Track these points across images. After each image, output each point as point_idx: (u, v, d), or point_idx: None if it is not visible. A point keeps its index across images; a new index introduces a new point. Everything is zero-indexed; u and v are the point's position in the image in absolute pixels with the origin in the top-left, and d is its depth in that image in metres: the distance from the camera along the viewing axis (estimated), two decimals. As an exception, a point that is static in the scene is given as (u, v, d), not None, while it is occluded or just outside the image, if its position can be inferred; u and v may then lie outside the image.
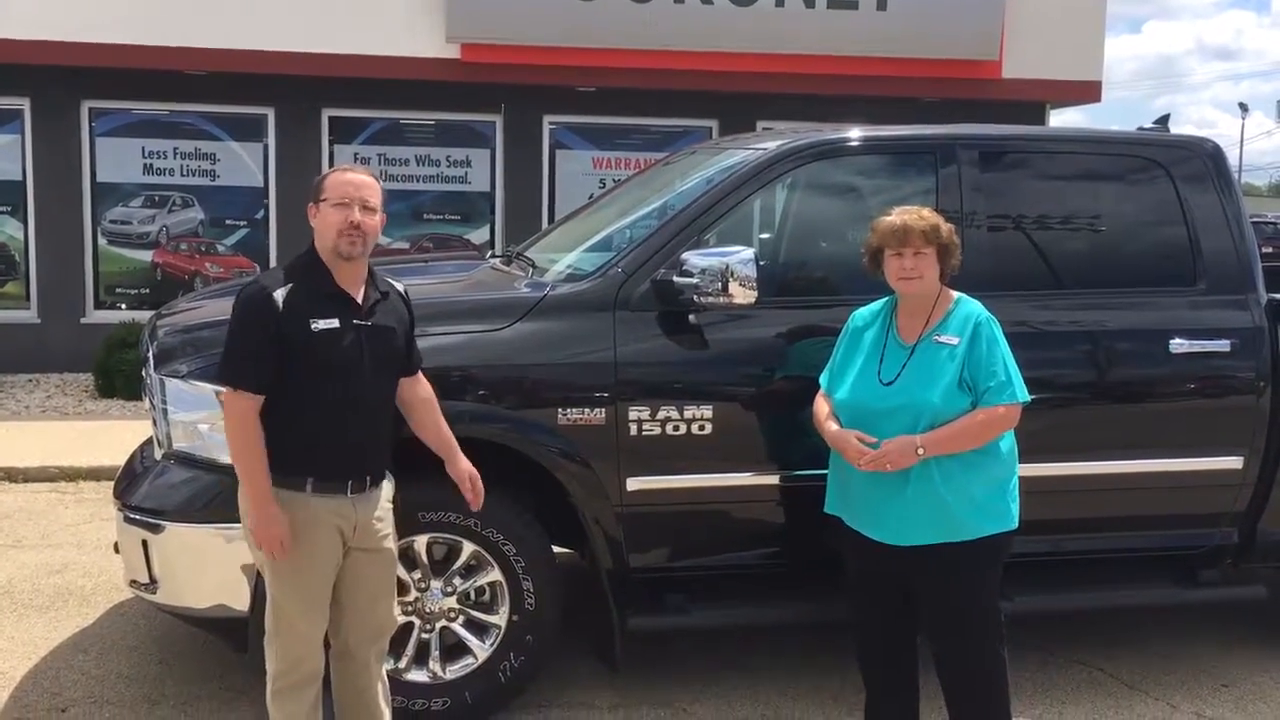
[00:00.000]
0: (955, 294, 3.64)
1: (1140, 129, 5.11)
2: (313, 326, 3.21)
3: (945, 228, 3.58)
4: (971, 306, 3.59)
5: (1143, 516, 4.59)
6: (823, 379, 3.80)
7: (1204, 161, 4.66)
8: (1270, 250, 24.11)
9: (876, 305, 3.76)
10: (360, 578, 3.42)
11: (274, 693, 3.41)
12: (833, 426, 3.65)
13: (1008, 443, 3.58)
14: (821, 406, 3.73)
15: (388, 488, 3.50)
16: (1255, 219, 26.92)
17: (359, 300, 3.33)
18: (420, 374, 3.61)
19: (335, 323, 3.25)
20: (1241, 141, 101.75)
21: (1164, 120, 5.13)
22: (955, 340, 3.51)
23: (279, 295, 3.21)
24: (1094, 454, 4.42)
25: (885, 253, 3.60)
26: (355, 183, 3.34)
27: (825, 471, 4.11)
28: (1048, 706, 4.46)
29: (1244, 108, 76.33)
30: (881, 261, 3.63)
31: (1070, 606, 4.72)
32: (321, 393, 3.24)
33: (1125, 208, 4.69)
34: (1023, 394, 3.50)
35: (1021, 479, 4.38)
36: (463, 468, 3.58)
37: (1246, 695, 4.60)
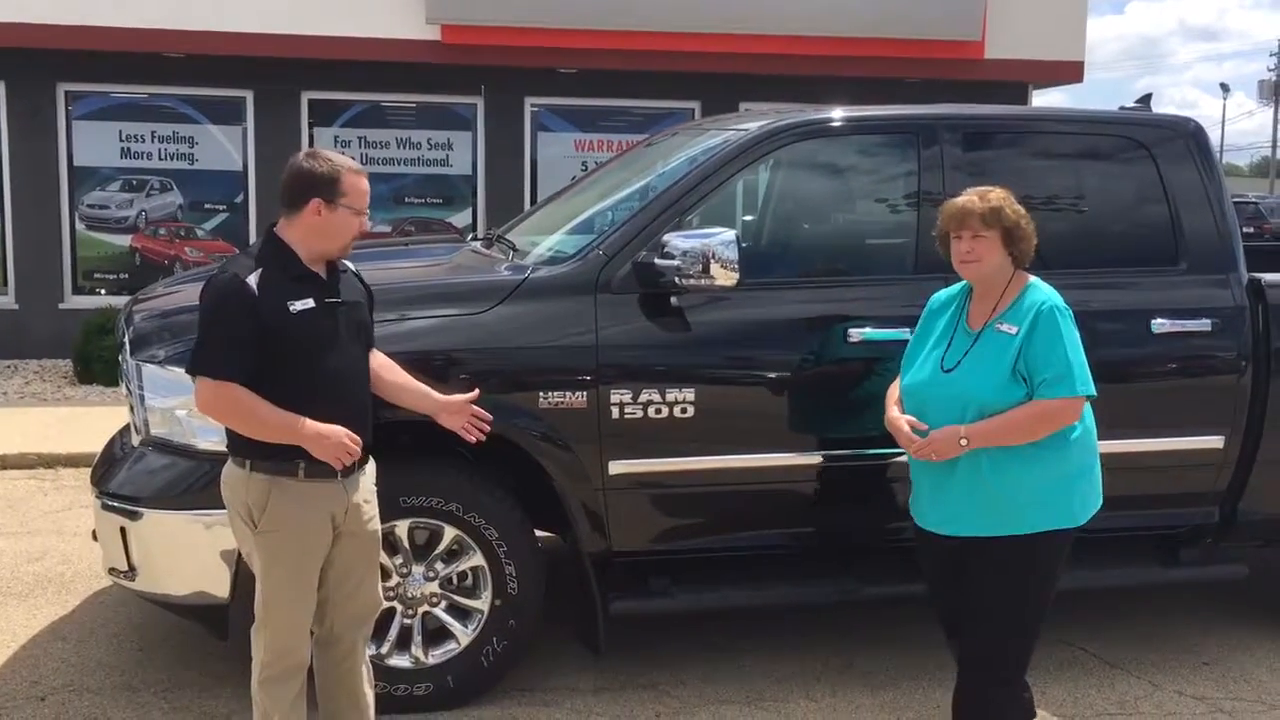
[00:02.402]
0: (1030, 279, 3.47)
1: (1122, 109, 5.11)
2: (290, 308, 3.17)
3: (1011, 210, 3.40)
4: (1038, 294, 3.41)
5: (1125, 496, 4.59)
6: (902, 361, 3.68)
7: (1186, 141, 4.65)
8: (1252, 230, 24.25)
9: (955, 289, 3.63)
10: (349, 561, 3.40)
11: (261, 681, 3.38)
12: (892, 411, 3.54)
13: (1076, 435, 3.39)
14: (893, 390, 3.64)
15: (371, 469, 3.48)
16: (1237, 199, 27.01)
17: (324, 278, 3.31)
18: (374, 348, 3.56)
19: (310, 302, 3.21)
20: (1223, 121, 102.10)
21: (1146, 100, 5.12)
22: (1014, 329, 3.35)
23: (252, 281, 3.15)
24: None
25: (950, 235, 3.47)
26: (368, 190, 3.32)
27: (805, 454, 4.12)
28: (1030, 685, 4.46)
29: (1225, 88, 76.95)
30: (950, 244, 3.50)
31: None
32: (305, 373, 3.21)
33: (1107, 187, 4.69)
34: (1084, 387, 3.29)
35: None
36: (450, 401, 3.53)
37: (1228, 674, 4.62)
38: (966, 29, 11.27)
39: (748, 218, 5.65)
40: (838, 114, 4.59)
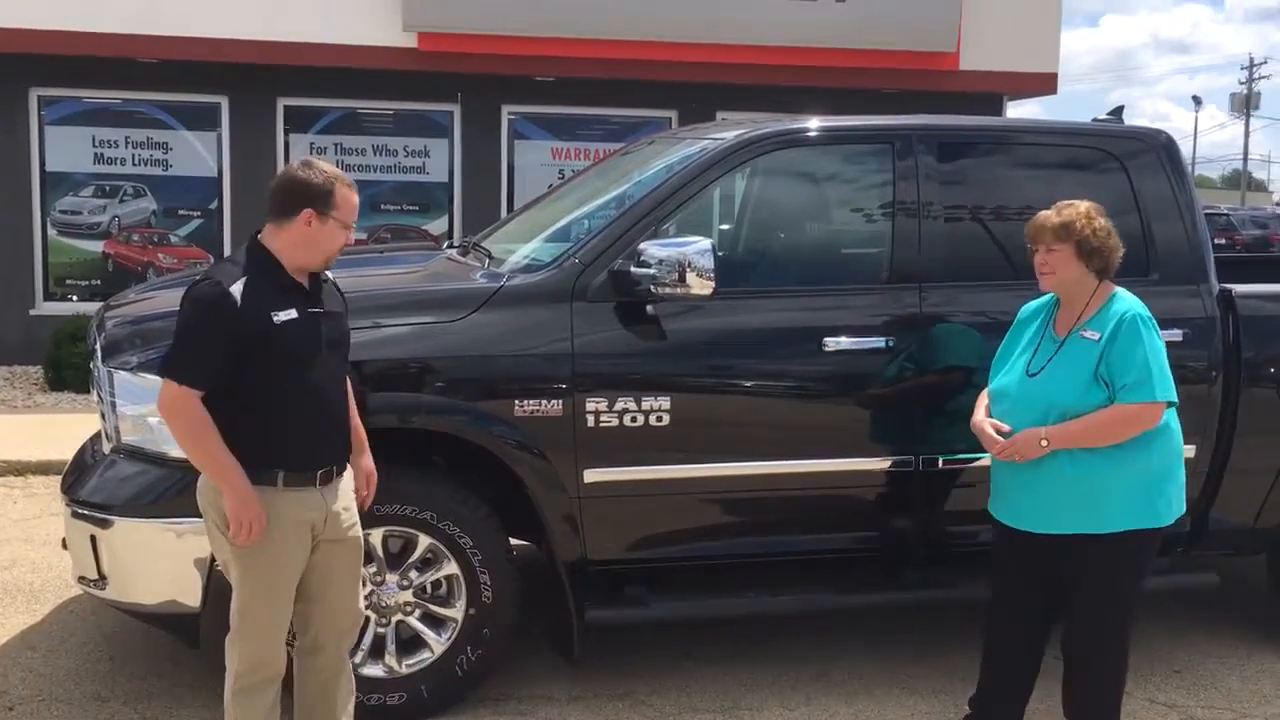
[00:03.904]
0: (1115, 290, 3.64)
1: (1095, 120, 5.15)
2: (274, 319, 3.15)
3: (1084, 225, 3.56)
4: (1123, 304, 3.59)
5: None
6: (992, 366, 3.86)
7: (1157, 153, 4.69)
8: (1223, 241, 24.50)
9: (1046, 298, 3.79)
10: (331, 569, 3.38)
11: (235, 692, 3.35)
12: (978, 414, 3.72)
13: (1163, 437, 3.56)
14: (982, 396, 3.80)
15: (350, 477, 3.46)
16: (1208, 210, 27.28)
17: (308, 289, 3.30)
18: None
19: (294, 313, 3.19)
20: (1195, 134, 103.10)
21: (1118, 112, 5.17)
22: (1096, 336, 3.53)
23: (236, 290, 3.13)
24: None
25: None
26: (357, 205, 3.33)
27: (780, 462, 4.15)
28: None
29: (1198, 101, 77.61)
30: None
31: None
32: (287, 383, 3.20)
33: (1080, 198, 4.71)
34: (1163, 393, 3.47)
35: (978, 467, 4.44)
36: (366, 464, 3.54)
37: (1198, 681, 4.65)
38: (941, 41, 11.35)
39: (724, 227, 5.66)
40: (813, 124, 4.61)
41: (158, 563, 3.91)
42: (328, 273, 3.44)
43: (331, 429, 3.31)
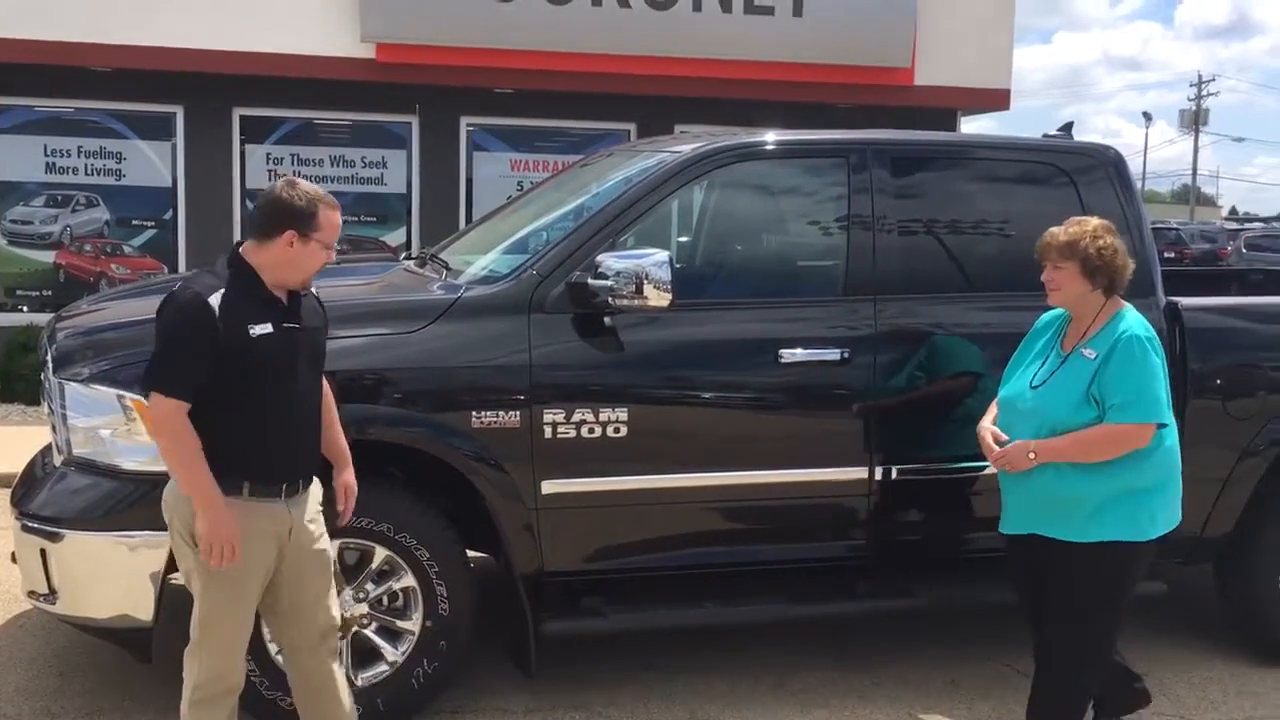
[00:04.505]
0: (1121, 308, 3.70)
1: (1045, 136, 5.23)
2: (250, 331, 3.17)
3: (1089, 243, 3.63)
4: (1125, 323, 3.65)
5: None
6: (1003, 375, 3.95)
7: (1106, 169, 4.78)
8: (1173, 255, 24.87)
9: (1058, 311, 3.86)
10: (301, 581, 3.39)
11: (192, 703, 3.34)
12: (983, 422, 3.83)
13: (1158, 453, 3.63)
14: (992, 405, 3.90)
15: (317, 490, 3.47)
16: (1158, 224, 27.74)
17: (285, 303, 3.31)
18: (324, 377, 3.56)
19: (269, 327, 3.21)
20: (1146, 149, 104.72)
21: (1068, 128, 5.25)
22: (1093, 355, 3.61)
23: (214, 301, 3.14)
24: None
25: None
26: (340, 225, 3.34)
27: (737, 473, 4.17)
28: (957, 701, 4.54)
29: (1148, 117, 79.14)
30: None
31: (980, 602, 4.81)
32: (259, 396, 3.21)
33: (1031, 212, 4.76)
34: (1155, 415, 3.54)
35: (931, 480, 4.49)
36: (346, 479, 3.55)
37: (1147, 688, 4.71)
38: (896, 56, 11.47)
39: (682, 239, 5.69)
40: (770, 138, 4.66)
41: (109, 576, 3.86)
42: (312, 287, 3.46)
43: (301, 443, 3.33)
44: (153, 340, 3.23)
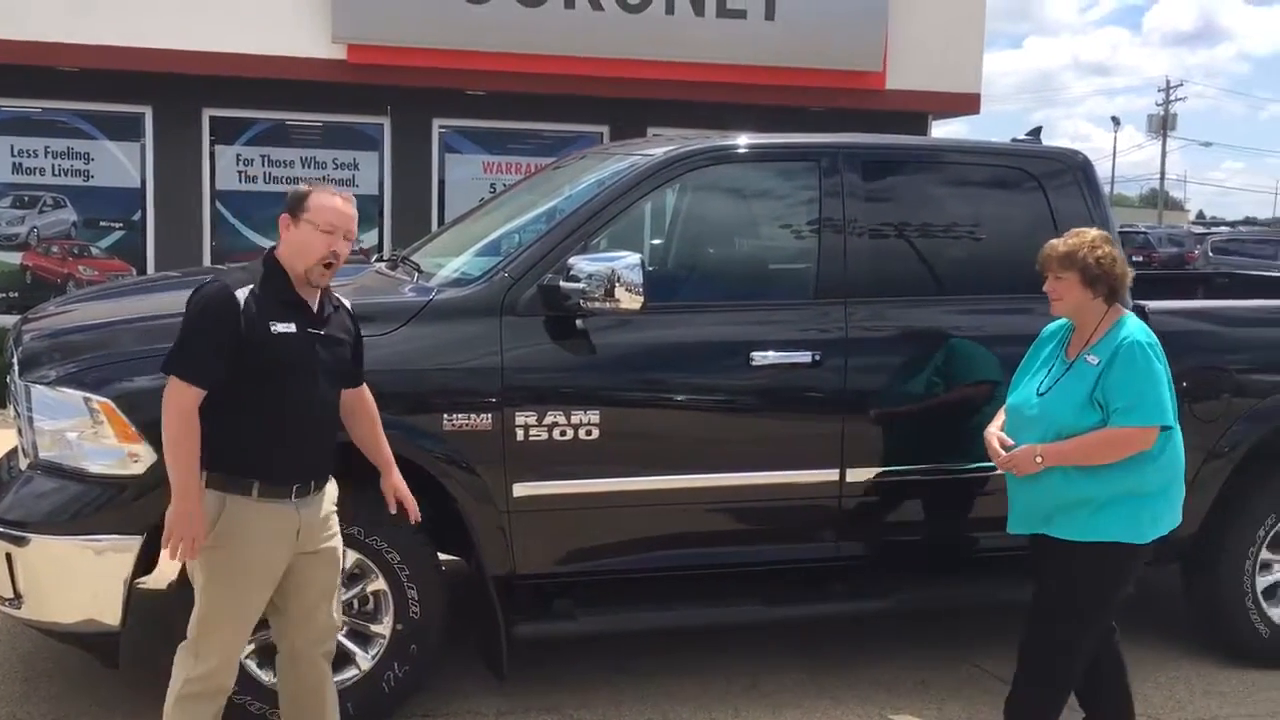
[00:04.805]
0: (1122, 315, 3.77)
1: (1014, 140, 5.27)
2: (272, 329, 3.21)
3: (1087, 253, 3.69)
4: (1126, 330, 3.71)
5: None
6: (1011, 382, 4.01)
7: (1074, 173, 4.82)
8: (1141, 258, 25.11)
9: (1062, 320, 3.92)
10: (305, 580, 3.41)
11: (179, 697, 3.34)
12: (990, 427, 3.91)
13: (1163, 456, 3.69)
14: (1000, 411, 3.97)
15: (332, 490, 3.49)
16: (1127, 228, 28.01)
17: (314, 309, 3.35)
18: (365, 386, 3.62)
19: (292, 327, 3.25)
20: (1114, 153, 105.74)
21: (1036, 132, 5.30)
22: (1096, 361, 3.68)
23: (241, 295, 3.20)
24: (972, 455, 4.53)
25: None
26: (344, 212, 3.33)
27: (709, 476, 4.17)
28: (927, 702, 4.56)
29: (1116, 121, 79.99)
30: None
31: (951, 603, 4.85)
32: (275, 397, 3.25)
33: (1000, 216, 4.82)
34: (1157, 418, 3.61)
35: (903, 482, 4.51)
36: (394, 483, 3.63)
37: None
38: (868, 61, 11.55)
39: (655, 242, 5.69)
40: (742, 141, 4.67)
41: (76, 580, 3.83)
42: (345, 301, 3.52)
43: (313, 447, 3.36)
44: (121, 343, 3.22)
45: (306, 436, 3.33)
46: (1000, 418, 3.95)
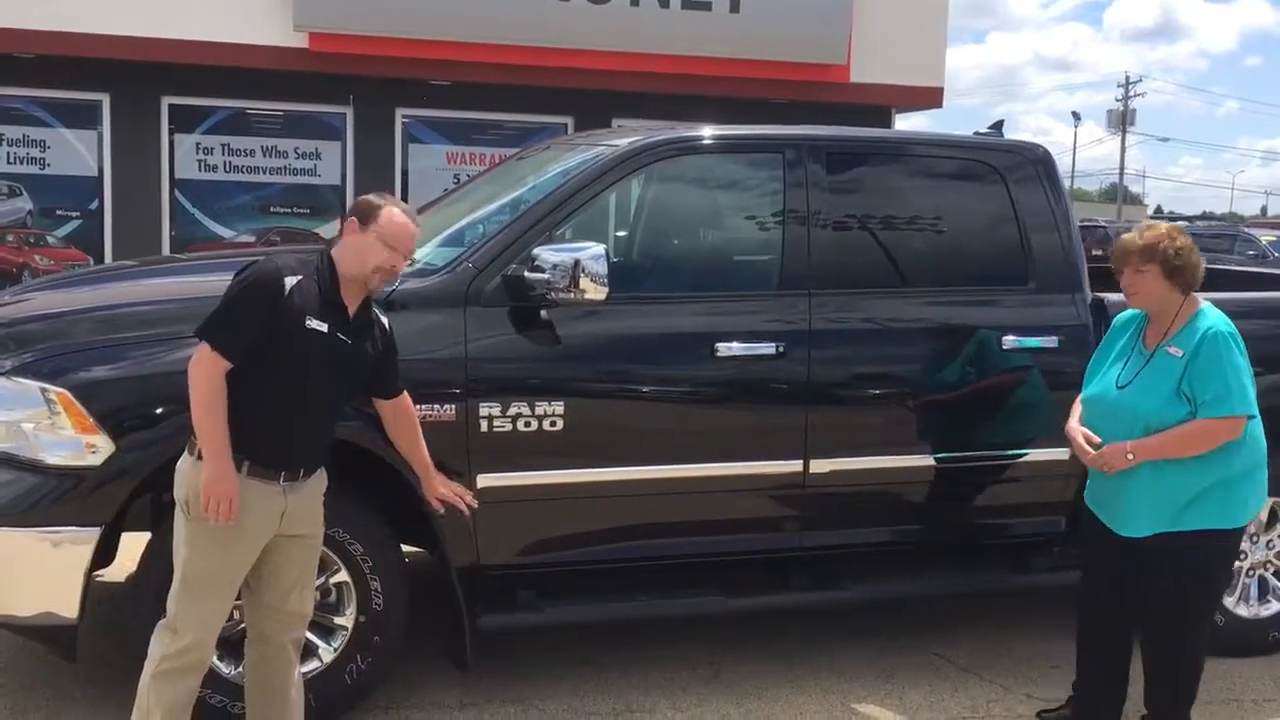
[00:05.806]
0: (1201, 305, 3.77)
1: (977, 134, 5.31)
2: (306, 322, 3.28)
3: (1167, 245, 3.69)
4: (1207, 320, 3.72)
5: (985, 507, 4.78)
6: (1085, 374, 4.00)
7: (1035, 166, 4.86)
8: (1101, 253, 25.33)
9: (1133, 311, 3.92)
10: (283, 562, 3.46)
11: (155, 674, 3.35)
12: (1072, 421, 3.90)
13: (1247, 444, 3.71)
14: (1076, 402, 3.96)
15: (321, 479, 3.53)
16: (1087, 222, 28.26)
17: (350, 317, 3.41)
18: (405, 394, 3.70)
19: (324, 327, 3.32)
20: (1075, 148, 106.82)
21: (998, 125, 5.33)
22: (1180, 352, 3.68)
23: (289, 281, 3.27)
24: (935, 446, 4.57)
25: None
26: (413, 233, 3.45)
27: (673, 467, 4.16)
28: (889, 691, 4.60)
29: (1077, 117, 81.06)
30: None
31: (913, 594, 4.88)
32: (282, 386, 3.30)
33: (963, 208, 4.85)
34: (1242, 408, 3.62)
35: (869, 471, 4.53)
36: (435, 488, 3.74)
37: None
38: (832, 53, 11.59)
39: (620, 233, 5.69)
40: (707, 132, 4.67)
41: (32, 573, 3.77)
42: (384, 320, 3.58)
43: (306, 440, 3.41)
44: (78, 333, 3.18)
45: (302, 431, 3.39)
46: (1078, 410, 3.94)
